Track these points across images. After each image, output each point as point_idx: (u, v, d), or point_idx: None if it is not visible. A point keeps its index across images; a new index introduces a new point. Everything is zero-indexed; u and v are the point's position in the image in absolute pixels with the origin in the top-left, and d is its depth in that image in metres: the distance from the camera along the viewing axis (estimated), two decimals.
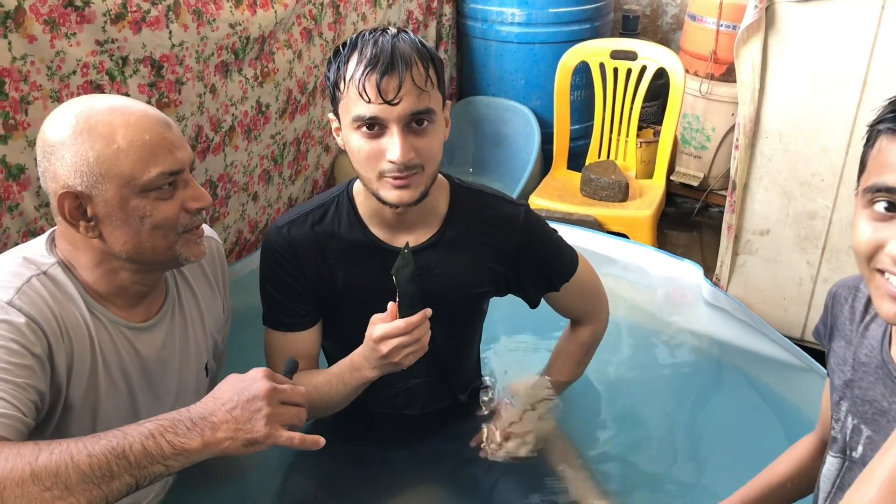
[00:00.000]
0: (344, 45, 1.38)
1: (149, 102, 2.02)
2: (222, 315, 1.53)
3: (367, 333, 1.37)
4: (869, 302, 1.14)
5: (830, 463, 1.21)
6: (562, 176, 3.28)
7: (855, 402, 1.13)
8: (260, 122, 2.52)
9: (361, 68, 1.31)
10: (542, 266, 1.61)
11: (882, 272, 0.95)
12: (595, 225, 2.87)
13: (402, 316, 1.33)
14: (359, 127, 1.34)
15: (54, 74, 1.79)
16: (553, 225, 1.66)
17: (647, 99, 3.17)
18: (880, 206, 0.95)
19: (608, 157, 3.27)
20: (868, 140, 1.01)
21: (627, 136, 3.22)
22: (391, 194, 1.37)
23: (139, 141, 1.18)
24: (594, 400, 1.99)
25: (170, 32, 2.04)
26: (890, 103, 0.99)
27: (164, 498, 1.48)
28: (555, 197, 3.07)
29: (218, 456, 1.11)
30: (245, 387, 1.14)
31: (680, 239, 3.35)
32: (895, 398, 1.06)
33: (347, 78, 1.33)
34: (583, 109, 3.42)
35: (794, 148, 2.34)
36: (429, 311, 1.35)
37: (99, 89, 1.89)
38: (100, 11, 1.84)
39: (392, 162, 1.33)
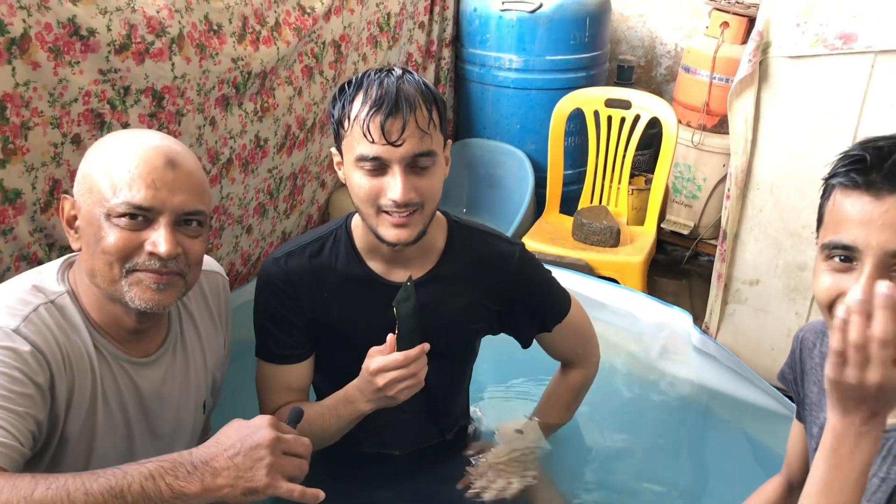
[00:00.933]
0: (349, 83, 1.40)
1: None
2: (223, 352, 1.52)
3: (364, 365, 1.37)
4: None
5: None
6: (554, 219, 3.31)
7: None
8: (258, 156, 2.54)
9: (366, 109, 1.33)
10: (535, 305, 1.61)
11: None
12: (586, 269, 2.89)
13: (400, 349, 1.33)
14: (361, 165, 1.35)
15: (56, 101, 1.80)
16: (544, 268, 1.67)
17: (639, 147, 3.21)
18: (838, 261, 1.00)
19: (600, 202, 3.30)
20: (823, 193, 1.06)
21: (620, 182, 3.25)
22: (389, 232, 1.39)
23: (126, 167, 1.18)
24: (580, 444, 1.99)
25: (172, 64, 2.07)
26: (842, 157, 1.02)
27: None
28: (547, 240, 3.09)
29: (216, 501, 1.10)
30: (249, 434, 1.13)
31: (670, 286, 3.37)
32: None
33: (352, 117, 1.35)
34: (576, 155, 3.45)
35: (785, 199, 2.37)
36: (427, 346, 1.35)
37: (100, 118, 1.91)
38: (104, 41, 1.87)
39: (393, 201, 1.34)
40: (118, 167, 1.18)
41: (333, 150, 1.46)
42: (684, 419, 2.23)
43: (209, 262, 1.51)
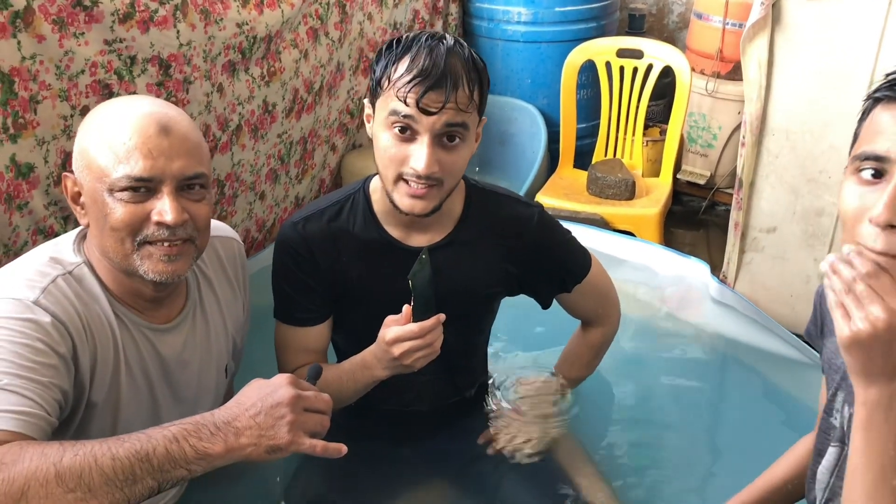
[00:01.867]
0: (397, 42, 1.37)
1: None
2: (242, 316, 1.53)
3: (379, 335, 1.38)
4: None
5: (831, 453, 1.21)
6: (568, 174, 3.28)
7: (849, 392, 1.12)
8: (267, 122, 2.53)
9: (409, 76, 1.30)
10: (554, 267, 1.61)
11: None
12: (602, 223, 2.87)
13: (416, 320, 1.34)
14: (393, 124, 1.33)
15: (63, 74, 1.80)
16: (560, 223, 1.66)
17: (653, 97, 3.17)
18: (867, 174, 0.95)
19: (614, 155, 3.27)
20: (863, 114, 1.01)
21: (634, 134, 3.22)
22: (404, 201, 1.38)
23: (120, 140, 1.17)
24: (601, 399, 1.99)
25: (177, 32, 2.05)
26: (885, 76, 0.99)
27: (180, 498, 1.48)
28: (561, 195, 3.07)
29: (241, 461, 1.11)
30: (269, 393, 1.14)
31: (686, 237, 3.35)
32: None
33: (393, 79, 1.33)
34: (589, 108, 3.41)
35: (801, 145, 2.34)
36: (442, 317, 1.35)
37: (107, 88, 1.90)
38: (108, 11, 1.85)
39: (415, 170, 1.33)
40: (113, 140, 1.18)
41: (366, 101, 1.44)
42: (704, 371, 2.23)
43: (223, 228, 1.52)
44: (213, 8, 2.17)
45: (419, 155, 1.32)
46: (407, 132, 1.33)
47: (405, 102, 1.31)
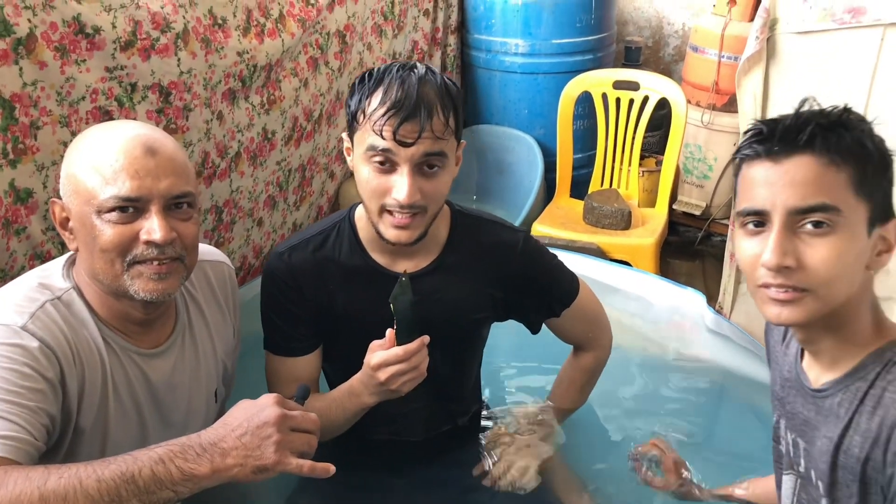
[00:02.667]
0: (370, 75, 1.38)
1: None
2: (232, 340, 1.53)
3: (365, 360, 1.38)
4: None
5: (786, 481, 1.25)
6: (565, 204, 3.30)
7: (788, 417, 1.21)
8: (266, 149, 2.54)
9: (383, 109, 1.32)
10: (542, 292, 1.61)
11: (766, 286, 1.05)
12: (598, 253, 2.88)
13: (399, 343, 1.34)
14: (371, 157, 1.35)
15: (64, 100, 1.81)
16: (556, 252, 1.67)
17: (649, 129, 3.19)
18: (752, 226, 1.07)
19: (611, 185, 3.29)
20: (735, 171, 1.13)
21: (630, 164, 3.24)
22: (390, 232, 1.39)
23: (107, 162, 1.19)
24: (597, 428, 1.99)
25: (178, 60, 2.07)
26: (743, 134, 1.10)
27: None
28: (558, 224, 3.08)
29: (228, 482, 1.11)
30: (255, 413, 1.13)
31: (682, 268, 3.35)
32: (810, 407, 1.14)
33: (368, 113, 1.34)
34: (586, 138, 3.44)
35: None
36: (426, 339, 1.35)
37: (108, 115, 1.92)
38: (110, 39, 1.87)
39: (397, 201, 1.34)
40: (99, 163, 1.19)
41: (345, 135, 1.46)
42: (699, 400, 2.22)
43: (213, 253, 1.52)
44: (213, 36, 2.19)
45: (400, 185, 1.33)
46: (386, 164, 1.34)
47: (381, 136, 1.32)
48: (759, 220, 1.05)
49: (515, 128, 3.55)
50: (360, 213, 1.52)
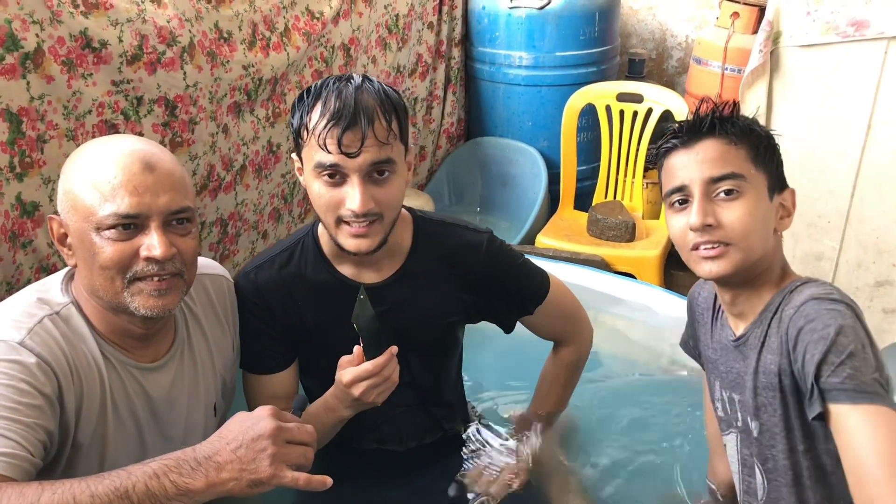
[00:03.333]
0: (308, 91, 1.39)
1: (162, 142, 2.06)
2: (231, 354, 1.53)
3: (336, 377, 1.38)
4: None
5: (729, 442, 1.42)
6: (569, 216, 3.30)
7: (722, 377, 1.40)
8: (271, 162, 2.55)
9: (324, 122, 1.32)
10: (511, 291, 1.62)
11: (696, 247, 1.27)
12: (602, 265, 2.88)
13: (368, 358, 1.34)
14: (320, 174, 1.35)
15: (70, 114, 1.82)
16: (560, 264, 1.67)
17: (653, 140, 3.19)
18: (678, 204, 1.30)
19: (615, 197, 3.29)
20: (658, 169, 1.36)
21: (634, 176, 3.24)
22: (349, 242, 1.39)
23: (105, 178, 1.18)
24: (596, 434, 1.98)
25: (184, 73, 2.08)
26: (664, 136, 1.34)
27: None
28: (562, 237, 3.08)
29: (223, 496, 1.10)
30: (250, 426, 1.13)
31: (687, 280, 3.34)
32: (738, 358, 1.35)
33: (310, 128, 1.35)
34: (589, 150, 3.45)
35: (800, 190, 2.33)
36: (394, 349, 1.36)
37: (114, 128, 1.93)
38: (116, 53, 1.88)
39: (352, 211, 1.35)
40: (98, 179, 1.18)
41: (294, 156, 1.47)
42: (701, 411, 2.21)
43: (212, 266, 1.52)
44: (219, 50, 2.20)
45: (353, 196, 1.34)
46: (336, 177, 1.35)
47: (326, 149, 1.32)
48: (683, 196, 1.28)
49: (519, 140, 3.56)
50: (322, 228, 1.52)
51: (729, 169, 1.26)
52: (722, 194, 1.26)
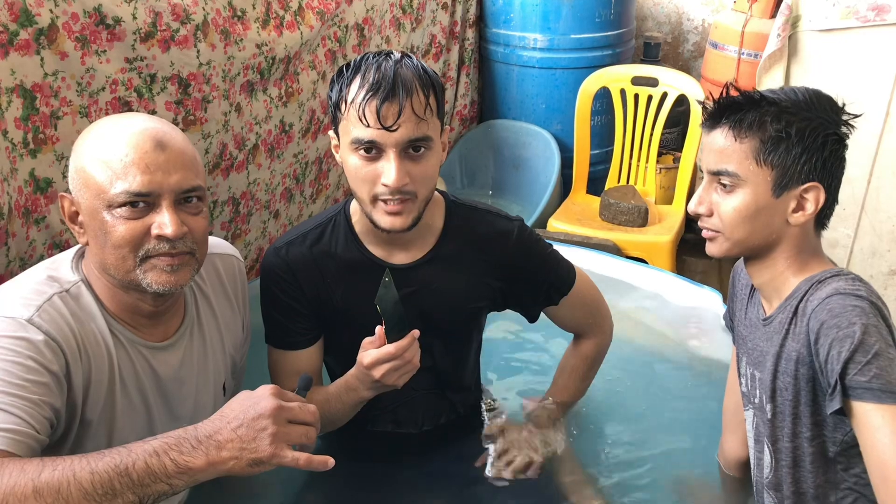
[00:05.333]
0: (348, 66, 1.40)
1: (174, 120, 2.06)
2: (241, 334, 1.53)
3: (358, 358, 1.39)
4: None
5: (748, 416, 1.47)
6: (581, 200, 3.29)
7: (749, 353, 1.44)
8: (283, 141, 2.55)
9: (363, 93, 1.33)
10: (538, 280, 1.62)
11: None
12: (614, 249, 2.87)
13: (390, 340, 1.35)
14: (356, 149, 1.36)
15: (84, 90, 1.82)
16: (572, 249, 1.67)
17: (667, 125, 3.17)
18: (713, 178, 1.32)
19: (627, 182, 3.27)
20: None
21: (647, 161, 3.22)
22: (384, 219, 1.40)
23: (117, 156, 1.18)
24: (608, 422, 1.98)
25: (198, 51, 2.08)
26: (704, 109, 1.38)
27: None
28: (574, 221, 3.07)
29: (224, 475, 1.10)
30: (251, 405, 1.13)
31: (699, 265, 3.33)
32: (763, 336, 1.38)
33: (349, 101, 1.36)
34: (603, 134, 3.43)
35: None
36: (416, 333, 1.36)
37: (127, 106, 1.93)
38: (130, 30, 1.88)
39: (386, 186, 1.35)
40: (109, 157, 1.19)
41: (331, 133, 1.47)
42: (714, 399, 2.21)
43: (223, 246, 1.53)
44: (233, 29, 2.19)
45: (388, 170, 1.35)
46: (372, 151, 1.36)
47: (364, 121, 1.33)
48: (702, 175, 1.36)
49: (532, 123, 3.54)
50: (355, 206, 1.53)
51: (723, 166, 1.30)
52: (720, 184, 1.31)
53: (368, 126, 1.33)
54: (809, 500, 1.34)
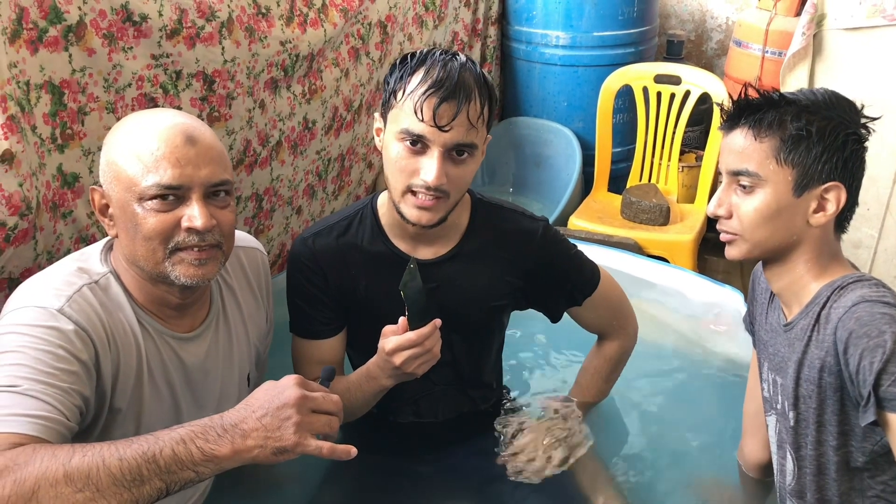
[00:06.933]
0: (412, 56, 1.41)
1: (199, 116, 2.08)
2: (265, 325, 1.56)
3: (379, 345, 1.41)
4: None
5: (770, 422, 1.45)
6: (602, 198, 3.28)
7: (770, 359, 1.42)
8: (306, 138, 2.56)
9: (424, 87, 1.34)
10: (561, 280, 1.62)
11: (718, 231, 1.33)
12: (635, 248, 2.86)
13: (412, 328, 1.36)
14: (403, 139, 1.37)
15: (111, 87, 1.85)
16: (593, 247, 1.68)
17: (690, 124, 3.16)
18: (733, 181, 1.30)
19: (649, 180, 3.26)
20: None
21: (669, 160, 3.21)
22: (412, 212, 1.42)
23: (149, 150, 1.21)
24: (628, 422, 1.98)
25: (222, 48, 2.10)
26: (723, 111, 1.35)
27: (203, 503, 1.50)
28: (595, 219, 3.07)
29: (249, 463, 1.13)
30: (276, 394, 1.15)
31: (720, 265, 3.31)
32: (784, 342, 1.36)
33: (407, 90, 1.37)
34: (625, 132, 3.41)
35: None
36: (438, 322, 1.38)
37: (153, 102, 1.95)
38: (156, 27, 1.90)
39: (424, 182, 1.36)
40: (141, 151, 1.22)
41: (377, 114, 1.48)
42: (736, 398, 2.20)
43: (247, 239, 1.55)
44: (257, 26, 2.21)
45: (429, 167, 1.36)
46: (418, 145, 1.37)
47: (420, 115, 1.33)
48: (721, 178, 1.34)
49: (554, 121, 3.53)
50: (382, 200, 1.54)
51: (744, 165, 1.28)
52: (739, 185, 1.30)
53: (422, 121, 1.34)
54: None
